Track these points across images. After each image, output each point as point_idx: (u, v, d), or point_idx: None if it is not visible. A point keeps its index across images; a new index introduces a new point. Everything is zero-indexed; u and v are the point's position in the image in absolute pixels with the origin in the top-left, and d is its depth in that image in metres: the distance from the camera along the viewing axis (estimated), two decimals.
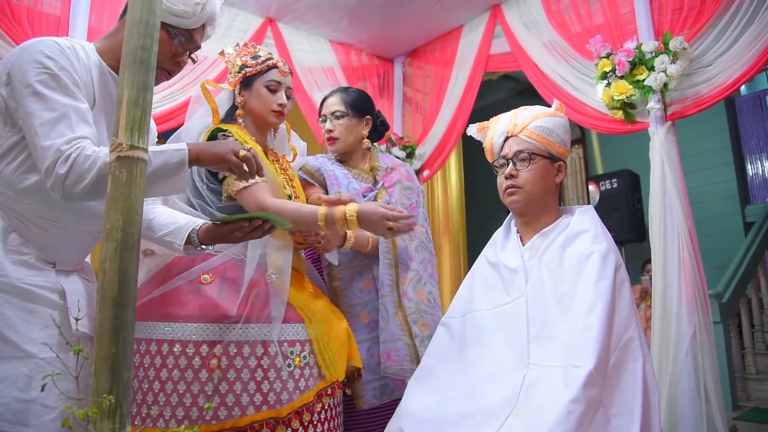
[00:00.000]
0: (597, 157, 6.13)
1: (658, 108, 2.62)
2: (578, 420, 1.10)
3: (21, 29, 2.62)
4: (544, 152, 1.52)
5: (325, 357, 1.49)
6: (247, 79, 1.69)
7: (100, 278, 0.89)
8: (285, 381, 1.40)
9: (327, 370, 1.49)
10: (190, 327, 1.38)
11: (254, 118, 1.70)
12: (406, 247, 1.89)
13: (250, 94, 1.69)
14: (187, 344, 1.37)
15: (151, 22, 0.99)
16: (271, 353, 1.41)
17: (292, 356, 1.44)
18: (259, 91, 1.67)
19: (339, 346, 1.55)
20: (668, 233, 2.52)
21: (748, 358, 4.12)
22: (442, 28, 3.97)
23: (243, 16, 3.50)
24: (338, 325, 1.62)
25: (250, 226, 1.30)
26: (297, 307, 1.52)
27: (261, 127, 1.72)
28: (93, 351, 0.86)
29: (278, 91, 1.68)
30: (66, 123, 1.17)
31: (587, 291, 1.30)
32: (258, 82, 1.68)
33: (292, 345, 1.46)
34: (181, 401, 1.34)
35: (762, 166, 5.46)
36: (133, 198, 0.92)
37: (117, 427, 0.83)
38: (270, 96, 1.67)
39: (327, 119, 1.98)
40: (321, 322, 1.54)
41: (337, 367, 1.51)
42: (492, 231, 1.69)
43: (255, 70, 1.68)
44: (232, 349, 1.38)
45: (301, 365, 1.45)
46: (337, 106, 1.97)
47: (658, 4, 2.71)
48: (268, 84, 1.67)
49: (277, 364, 1.41)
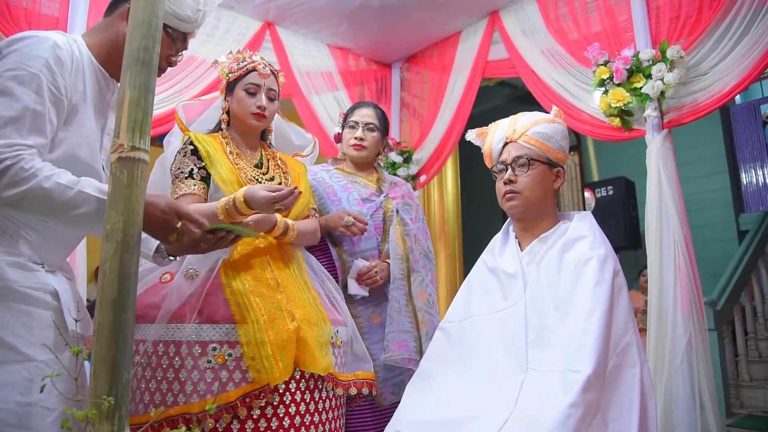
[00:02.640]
0: (593, 164, 6.17)
1: (655, 116, 2.64)
2: (577, 424, 1.10)
3: (19, 30, 2.62)
4: (542, 158, 1.52)
5: (255, 358, 1.41)
6: (230, 85, 1.72)
7: (100, 279, 0.89)
8: (195, 382, 1.40)
9: (257, 372, 1.40)
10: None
11: (237, 123, 1.73)
12: (412, 249, 1.99)
13: (232, 99, 1.71)
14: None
15: (153, 24, 0.99)
16: (182, 353, 1.43)
17: (215, 354, 1.42)
18: (239, 94, 1.69)
19: (277, 348, 1.45)
20: (664, 240, 2.54)
21: (741, 366, 4.14)
22: (441, 33, 3.99)
23: (242, 20, 3.50)
24: (283, 326, 1.48)
25: (214, 238, 1.31)
26: (234, 304, 1.48)
27: (244, 131, 1.74)
28: (93, 351, 0.85)
29: (257, 93, 1.69)
30: (16, 126, 1.13)
31: (585, 296, 1.30)
32: (238, 86, 1.70)
33: (221, 345, 1.43)
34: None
35: (756, 174, 5.50)
36: (134, 199, 0.92)
37: (116, 429, 0.82)
38: (248, 99, 1.68)
39: (359, 127, 2.07)
40: (255, 322, 1.45)
41: (270, 370, 1.41)
42: (487, 236, 1.69)
43: (236, 75, 1.70)
44: (149, 347, 1.44)
45: (223, 364, 1.41)
46: (372, 118, 2.09)
47: (656, 12, 2.74)
48: (247, 87, 1.69)
49: (187, 365, 1.41)
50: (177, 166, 1.63)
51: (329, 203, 1.99)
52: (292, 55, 3.73)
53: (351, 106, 2.19)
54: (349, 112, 2.14)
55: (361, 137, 2.05)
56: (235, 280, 1.52)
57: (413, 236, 2.01)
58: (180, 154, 1.65)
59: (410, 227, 2.02)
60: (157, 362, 1.43)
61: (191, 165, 1.62)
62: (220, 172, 1.61)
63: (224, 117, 1.74)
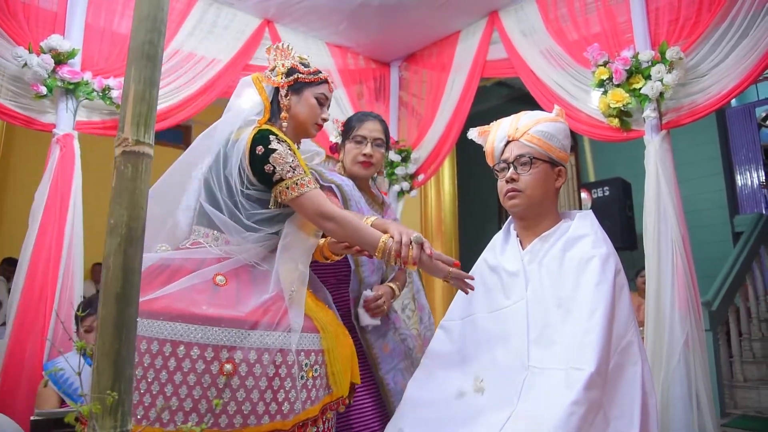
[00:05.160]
0: (589, 164, 6.19)
1: (654, 116, 2.64)
2: (579, 422, 1.10)
3: (17, 24, 2.60)
4: (544, 157, 1.52)
5: (335, 371, 1.47)
6: (297, 84, 1.65)
7: (103, 274, 0.88)
8: (298, 391, 1.37)
9: (335, 384, 1.46)
10: (209, 330, 1.31)
11: (296, 125, 1.66)
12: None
13: (299, 101, 1.65)
14: (206, 348, 1.30)
15: (158, 17, 0.98)
16: (288, 362, 1.37)
17: (306, 368, 1.40)
18: (309, 100, 1.64)
19: (345, 361, 1.52)
20: (662, 241, 2.54)
21: (736, 366, 4.17)
22: (440, 33, 3.99)
23: (241, 17, 3.49)
24: (345, 340, 1.57)
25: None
26: (312, 318, 1.48)
27: (298, 134, 1.69)
28: (96, 346, 0.84)
29: (325, 105, 1.68)
30: None
31: (587, 295, 1.30)
32: (309, 90, 1.65)
33: (308, 355, 1.41)
34: (182, 405, 1.27)
35: (751, 177, 5.54)
36: (138, 193, 0.91)
37: (119, 425, 0.82)
38: (318, 108, 1.66)
39: (368, 143, 1.95)
40: (332, 335, 1.50)
41: (343, 383, 1.49)
42: (484, 237, 1.70)
43: (308, 79, 1.65)
44: (252, 355, 1.32)
45: (314, 376, 1.42)
46: (379, 134, 1.97)
47: (655, 14, 2.74)
48: (319, 96, 1.66)
49: (294, 374, 1.37)
50: (290, 158, 1.48)
51: (353, 208, 1.86)
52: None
53: (354, 117, 2.05)
54: (355, 125, 1.99)
55: (371, 154, 1.93)
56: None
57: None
58: (282, 145, 1.50)
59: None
60: (261, 371, 1.33)
61: (297, 162, 1.50)
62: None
63: (285, 115, 1.63)
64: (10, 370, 2.36)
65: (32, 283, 2.45)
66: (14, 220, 4.50)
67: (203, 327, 1.31)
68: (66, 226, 2.56)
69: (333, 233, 1.50)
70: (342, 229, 1.47)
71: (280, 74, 1.65)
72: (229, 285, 1.42)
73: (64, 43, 2.63)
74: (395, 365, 1.82)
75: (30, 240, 2.50)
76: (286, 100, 1.63)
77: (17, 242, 2.59)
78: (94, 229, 2.43)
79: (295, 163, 1.48)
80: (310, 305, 1.51)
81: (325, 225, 1.47)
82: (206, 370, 1.29)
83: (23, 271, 2.47)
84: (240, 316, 1.35)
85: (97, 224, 1.36)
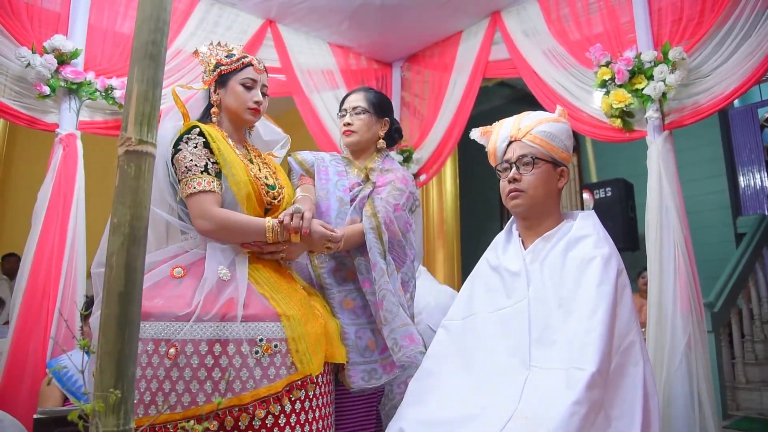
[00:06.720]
0: (591, 165, 6.18)
1: (657, 117, 2.64)
2: (580, 422, 1.10)
3: (20, 24, 2.61)
4: (547, 157, 1.52)
5: (299, 348, 1.46)
6: (222, 77, 1.71)
7: (106, 273, 0.88)
8: (252, 369, 1.39)
9: (300, 362, 1.45)
10: (146, 325, 1.38)
11: (230, 116, 1.72)
12: (383, 228, 1.84)
13: (226, 92, 1.70)
14: (148, 342, 1.38)
15: (161, 18, 0.99)
16: (229, 352, 1.40)
17: (261, 344, 1.42)
18: (235, 88, 1.69)
19: (313, 341, 1.51)
20: (664, 241, 2.54)
21: (738, 368, 4.15)
22: (442, 33, 3.99)
23: (243, 17, 3.50)
24: (314, 321, 1.56)
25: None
26: (273, 303, 1.50)
27: (237, 125, 1.74)
28: (99, 344, 0.85)
29: (254, 88, 1.71)
30: None
31: (589, 295, 1.30)
32: (233, 80, 1.70)
33: (268, 341, 1.44)
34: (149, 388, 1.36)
35: (753, 178, 5.52)
36: (141, 192, 0.92)
37: (121, 423, 0.82)
38: (245, 93, 1.69)
39: (347, 113, 2.03)
40: (297, 319, 1.50)
41: (311, 362, 1.48)
42: (486, 237, 1.69)
43: (230, 68, 1.70)
44: (189, 347, 1.38)
45: (272, 353, 1.42)
46: (358, 102, 2.03)
47: (658, 14, 2.74)
48: (244, 81, 1.69)
49: (243, 351, 1.40)
50: (189, 157, 1.55)
51: (317, 181, 1.94)
52: (293, 53, 3.73)
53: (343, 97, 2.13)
54: (342, 103, 2.09)
55: (348, 122, 2.00)
56: (265, 279, 1.56)
57: (383, 218, 1.82)
58: (190, 145, 1.57)
59: (380, 207, 1.84)
60: (200, 361, 1.37)
61: (205, 159, 1.56)
62: (234, 173, 1.58)
63: (215, 110, 1.71)
64: (13, 368, 2.37)
65: (35, 282, 2.46)
66: (17, 219, 4.52)
67: (144, 323, 1.38)
68: (69, 226, 2.57)
69: (214, 235, 1.55)
70: (223, 231, 1.53)
71: (208, 73, 1.72)
72: (186, 276, 1.49)
73: (67, 44, 2.64)
74: (359, 322, 1.78)
75: (33, 239, 2.51)
76: (216, 96, 1.70)
77: (20, 242, 2.61)
78: (96, 228, 2.44)
79: (192, 164, 1.55)
80: (272, 290, 1.53)
81: (203, 226, 1.53)
82: (152, 356, 1.37)
83: (26, 270, 2.48)
84: (178, 310, 1.41)
85: (99, 224, 1.38)
